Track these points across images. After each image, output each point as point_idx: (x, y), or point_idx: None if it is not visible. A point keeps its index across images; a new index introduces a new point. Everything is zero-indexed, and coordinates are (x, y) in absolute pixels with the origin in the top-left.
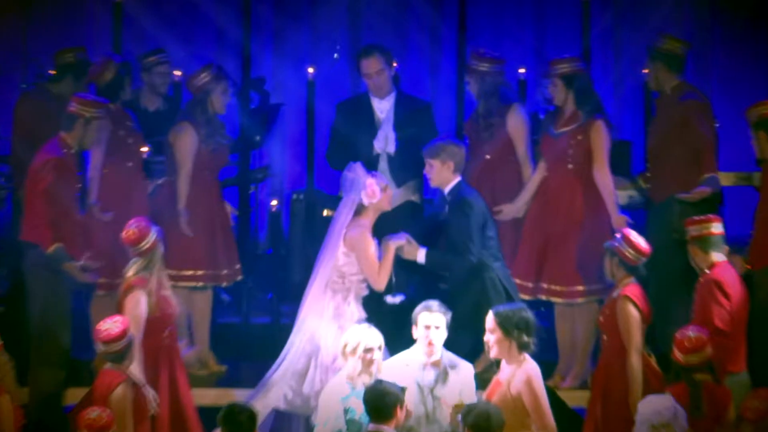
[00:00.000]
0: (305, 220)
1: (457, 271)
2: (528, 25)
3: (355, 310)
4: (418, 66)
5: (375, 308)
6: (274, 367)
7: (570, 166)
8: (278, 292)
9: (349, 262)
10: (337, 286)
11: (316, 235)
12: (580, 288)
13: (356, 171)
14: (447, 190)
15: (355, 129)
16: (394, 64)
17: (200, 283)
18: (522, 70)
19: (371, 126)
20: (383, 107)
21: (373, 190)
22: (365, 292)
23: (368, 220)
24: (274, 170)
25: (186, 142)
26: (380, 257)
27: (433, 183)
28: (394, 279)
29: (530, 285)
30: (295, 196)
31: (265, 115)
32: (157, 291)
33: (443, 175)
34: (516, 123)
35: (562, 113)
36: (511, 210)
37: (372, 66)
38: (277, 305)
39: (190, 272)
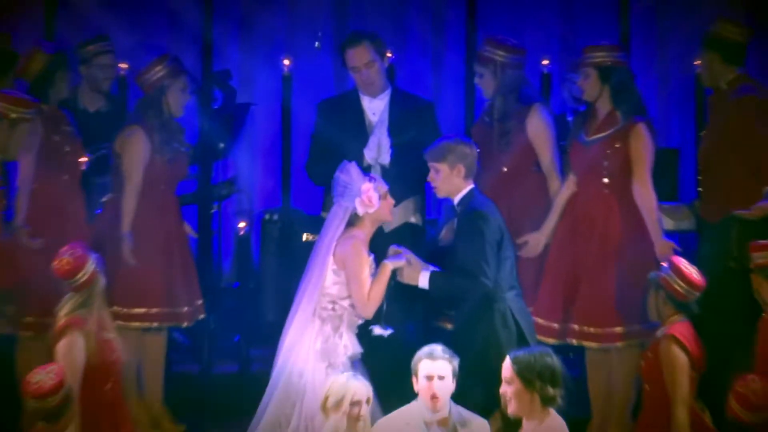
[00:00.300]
0: (280, 246)
1: (468, 300)
2: (552, 7)
3: (348, 343)
4: (418, 57)
5: (365, 343)
6: (253, 423)
7: (605, 180)
8: (247, 334)
9: (340, 282)
10: (326, 313)
11: (293, 264)
12: (618, 329)
13: (350, 173)
14: (457, 199)
15: (340, 134)
16: (388, 55)
17: (154, 323)
18: (545, 62)
19: (361, 131)
20: (375, 107)
21: (369, 198)
22: (360, 320)
23: (364, 232)
24: (241, 185)
25: (135, 150)
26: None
27: (440, 193)
28: (385, 306)
29: (556, 326)
30: (267, 217)
31: (230, 118)
32: (98, 333)
33: (452, 182)
34: (538, 127)
35: (594, 115)
36: (539, 240)
37: (360, 57)
38: (246, 350)
39: (141, 310)
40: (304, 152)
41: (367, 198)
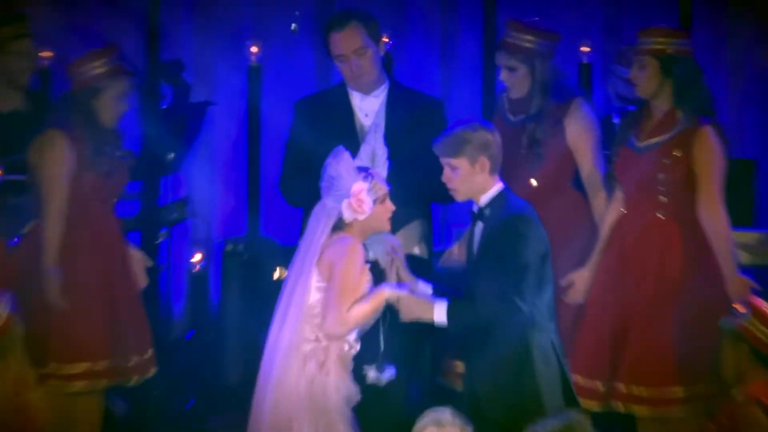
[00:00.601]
0: (246, 284)
1: (498, 334)
2: None
3: (340, 384)
4: (422, 43)
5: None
6: None
7: (662, 198)
8: (204, 399)
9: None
10: (309, 346)
11: (262, 307)
12: (678, 391)
13: (340, 166)
14: (483, 201)
15: (324, 142)
16: (384, 40)
17: (102, 382)
18: (584, 49)
19: (350, 137)
20: (368, 107)
21: (360, 202)
22: (354, 351)
23: (353, 236)
24: (196, 207)
25: (54, 161)
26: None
27: (460, 195)
28: (382, 346)
29: (600, 387)
30: (229, 248)
31: (182, 120)
32: (14, 397)
33: (474, 180)
34: (581, 126)
35: (649, 115)
36: (587, 280)
37: (348, 42)
38: (203, 419)
39: (84, 366)
40: (276, 165)
41: (357, 202)
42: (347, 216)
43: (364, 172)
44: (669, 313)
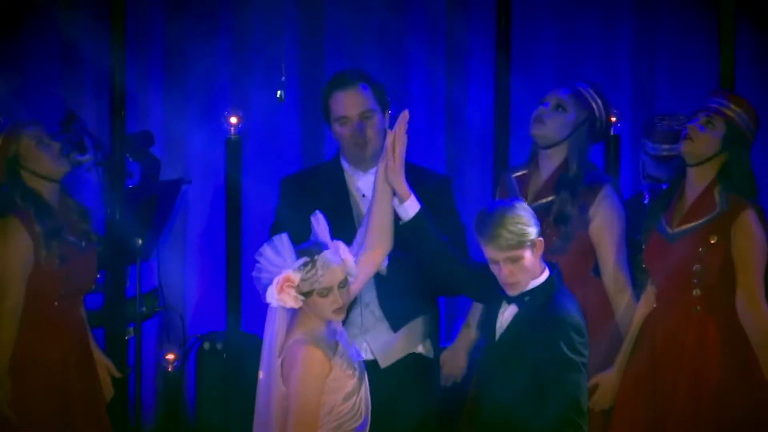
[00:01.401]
0: (225, 387)
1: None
2: (620, 42)
3: None
4: (427, 111)
5: None
6: None
7: (697, 291)
8: None
9: None
10: None
11: (244, 413)
12: None
13: (276, 247)
14: (530, 286)
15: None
16: (388, 112)
17: None
18: (612, 119)
19: (344, 221)
20: (367, 187)
21: (281, 289)
22: None
23: (311, 326)
24: (169, 299)
25: (9, 252)
26: None
27: (521, 288)
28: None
29: None
30: (206, 346)
31: (152, 201)
32: None
33: (533, 267)
34: (606, 220)
35: (682, 195)
36: (613, 383)
37: (354, 103)
38: None
39: None
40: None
41: (279, 289)
42: (267, 299)
43: (302, 260)
44: (707, 421)
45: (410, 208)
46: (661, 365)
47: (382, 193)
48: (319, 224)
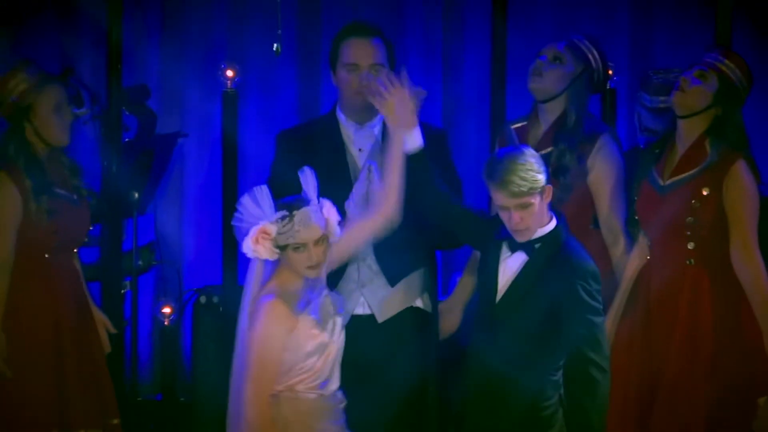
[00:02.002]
0: (221, 340)
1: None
2: None
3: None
4: (424, 60)
5: None
6: None
7: (689, 245)
8: None
9: (287, 365)
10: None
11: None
12: None
13: (256, 198)
14: (538, 234)
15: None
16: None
17: None
18: (609, 73)
19: (341, 174)
20: (363, 141)
21: (256, 241)
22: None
23: (287, 279)
24: (165, 253)
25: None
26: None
27: (530, 234)
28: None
29: None
30: (203, 299)
31: (148, 155)
32: None
33: (541, 213)
34: (604, 169)
35: (672, 147)
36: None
37: (367, 52)
38: None
39: None
40: None
41: (254, 240)
42: (244, 249)
43: (281, 213)
44: (699, 374)
45: (417, 138)
46: (655, 318)
47: (396, 146)
48: (307, 180)
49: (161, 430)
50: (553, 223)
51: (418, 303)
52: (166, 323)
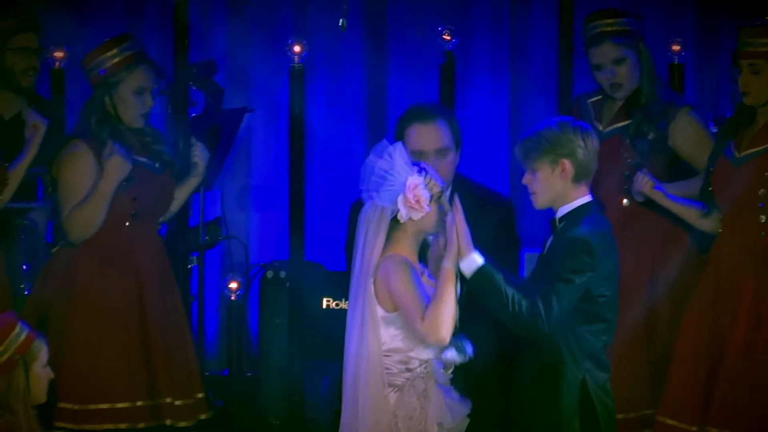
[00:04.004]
0: (289, 315)
1: (516, 331)
2: None
3: (442, 405)
4: (491, 44)
5: None
6: None
7: (762, 218)
8: None
9: (401, 329)
10: (401, 379)
11: (308, 340)
12: None
13: (393, 158)
14: (560, 212)
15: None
16: (460, 149)
17: (122, 426)
18: (676, 48)
19: None
20: None
21: (417, 197)
22: (451, 364)
23: (407, 249)
24: (232, 228)
25: (75, 174)
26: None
27: (539, 201)
28: (458, 320)
29: (694, 429)
30: (270, 274)
31: (215, 130)
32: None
33: (553, 186)
34: (694, 134)
35: (754, 122)
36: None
37: (432, 138)
38: None
39: (95, 407)
40: (323, 181)
41: (413, 197)
42: (403, 214)
43: (417, 165)
44: (766, 351)
45: (473, 263)
46: (725, 291)
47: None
48: (399, 152)
49: (229, 406)
50: (579, 202)
51: None
52: (232, 298)
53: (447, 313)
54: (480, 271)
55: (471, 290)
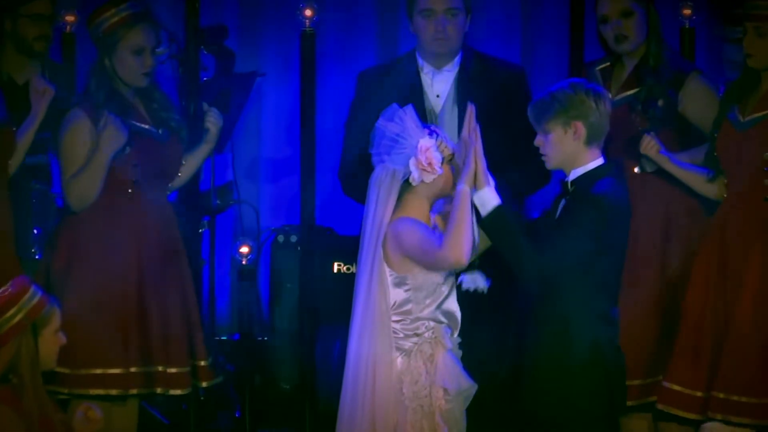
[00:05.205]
0: (300, 279)
1: (520, 275)
2: None
3: (450, 370)
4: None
5: None
6: None
7: (767, 182)
8: (252, 410)
9: (412, 289)
10: (410, 342)
11: (319, 305)
12: None
13: (403, 121)
14: (573, 176)
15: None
16: (470, 16)
17: (113, 391)
18: (687, 12)
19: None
20: (440, 86)
21: (429, 159)
22: (456, 331)
23: (418, 212)
24: (243, 193)
25: (73, 144)
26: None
27: (551, 162)
28: (476, 238)
29: (700, 395)
30: (281, 239)
31: (226, 95)
32: (39, 413)
33: (566, 148)
34: (705, 98)
35: (758, 87)
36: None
37: None
38: (252, 429)
39: (96, 372)
40: (334, 145)
41: (426, 159)
42: (415, 177)
43: (427, 127)
44: None
45: (488, 201)
46: (731, 255)
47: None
48: (410, 115)
49: (240, 370)
50: (592, 165)
51: None
52: (243, 263)
53: (466, 234)
54: (496, 212)
55: (483, 226)
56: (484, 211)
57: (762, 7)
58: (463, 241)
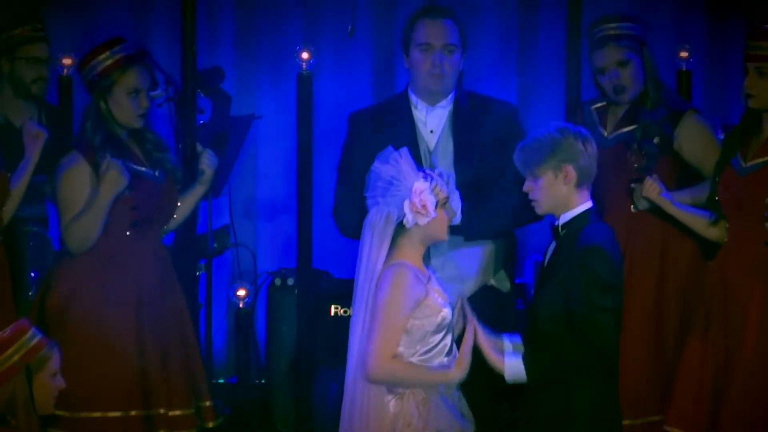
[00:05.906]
0: (297, 323)
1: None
2: None
3: (443, 414)
4: (499, 42)
5: None
6: None
7: None
8: None
9: (407, 334)
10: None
11: (317, 348)
12: None
13: (398, 164)
14: (563, 219)
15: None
16: (465, 53)
17: None
18: (684, 54)
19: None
20: (434, 122)
21: (424, 202)
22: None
23: (410, 258)
24: (240, 236)
25: (72, 187)
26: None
27: (541, 207)
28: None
29: None
30: (278, 282)
31: (223, 137)
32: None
33: (557, 192)
34: (701, 137)
35: (761, 131)
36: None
37: (441, 33)
38: None
39: (95, 415)
40: (330, 188)
41: (420, 202)
42: (409, 219)
43: (422, 170)
44: None
45: (515, 371)
46: (731, 300)
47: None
48: (405, 158)
49: (237, 413)
50: (581, 208)
51: (493, 281)
52: (240, 306)
53: (405, 381)
54: (529, 368)
55: (531, 385)
56: (519, 377)
57: (762, 47)
58: (396, 382)
